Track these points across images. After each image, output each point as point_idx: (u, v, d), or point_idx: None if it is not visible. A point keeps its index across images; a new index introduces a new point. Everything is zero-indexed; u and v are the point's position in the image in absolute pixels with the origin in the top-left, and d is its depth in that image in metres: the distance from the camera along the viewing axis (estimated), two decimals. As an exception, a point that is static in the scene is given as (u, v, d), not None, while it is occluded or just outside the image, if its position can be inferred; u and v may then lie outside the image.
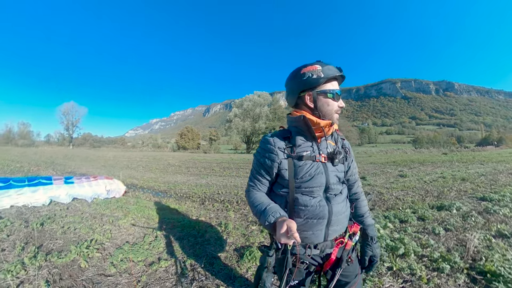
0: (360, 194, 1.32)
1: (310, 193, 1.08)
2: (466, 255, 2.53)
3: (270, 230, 0.99)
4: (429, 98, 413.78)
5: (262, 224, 1.02)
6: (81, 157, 20.76)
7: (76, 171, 10.72)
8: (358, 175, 1.35)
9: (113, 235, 3.15)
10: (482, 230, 3.22)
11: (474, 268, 2.30)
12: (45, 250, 2.69)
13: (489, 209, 4.10)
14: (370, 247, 1.24)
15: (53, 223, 3.45)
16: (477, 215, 3.85)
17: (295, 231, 0.83)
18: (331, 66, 1.08)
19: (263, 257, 1.05)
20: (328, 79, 1.08)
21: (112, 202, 4.76)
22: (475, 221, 3.57)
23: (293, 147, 1.11)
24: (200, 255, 2.70)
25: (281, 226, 0.87)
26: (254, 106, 43.56)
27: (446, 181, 7.05)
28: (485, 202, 4.65)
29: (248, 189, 1.22)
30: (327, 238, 1.10)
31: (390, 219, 3.78)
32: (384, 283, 2.17)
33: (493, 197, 4.88)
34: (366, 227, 1.27)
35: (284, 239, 0.85)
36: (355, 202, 1.30)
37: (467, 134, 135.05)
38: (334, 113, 1.13)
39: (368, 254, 1.24)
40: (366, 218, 1.29)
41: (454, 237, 3.07)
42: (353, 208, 1.29)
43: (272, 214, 0.98)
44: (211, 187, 7.12)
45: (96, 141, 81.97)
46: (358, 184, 1.33)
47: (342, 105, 1.15)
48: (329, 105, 1.11)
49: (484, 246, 2.73)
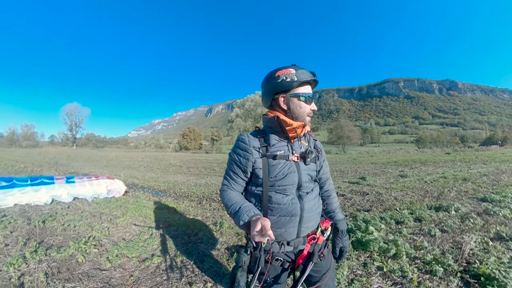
0: (331, 192, 1.39)
1: (283, 191, 1.12)
2: (460, 257, 2.47)
3: (245, 229, 1.01)
4: (432, 98, 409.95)
5: (236, 223, 1.03)
6: (84, 157, 21.05)
7: (79, 171, 10.90)
8: (330, 174, 1.41)
9: (110, 233, 3.26)
10: (480, 232, 3.14)
11: (468, 271, 2.26)
12: (45, 246, 2.82)
13: (489, 210, 4.01)
14: (341, 239, 1.34)
15: (54, 221, 3.57)
16: (476, 216, 3.77)
17: (269, 229, 0.85)
18: (304, 71, 1.13)
19: (238, 256, 1.07)
20: (301, 83, 1.12)
21: (111, 202, 4.88)
22: (473, 223, 3.49)
23: (267, 146, 1.15)
24: (192, 253, 2.78)
25: (255, 225, 0.89)
26: (256, 106, 43.61)
27: (447, 181, 6.94)
28: (486, 203, 4.54)
29: (222, 188, 1.23)
30: (299, 234, 1.14)
31: (386, 221, 3.72)
32: (373, 283, 2.17)
33: (494, 197, 4.80)
34: (336, 222, 1.34)
35: (259, 237, 0.86)
36: (326, 199, 1.37)
37: (471, 133, 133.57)
38: (306, 116, 1.17)
39: (339, 245, 1.33)
40: (337, 213, 1.36)
41: (450, 239, 3.01)
42: (325, 205, 1.35)
43: (246, 213, 1.00)
44: (210, 187, 7.21)
45: (99, 141, 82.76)
46: (330, 182, 1.39)
47: (314, 108, 1.19)
48: (301, 108, 1.15)
49: (481, 249, 2.66)
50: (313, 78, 1.15)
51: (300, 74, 1.11)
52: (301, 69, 1.14)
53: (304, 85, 1.15)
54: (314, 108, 1.19)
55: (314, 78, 1.16)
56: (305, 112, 1.17)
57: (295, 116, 1.16)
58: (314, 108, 1.19)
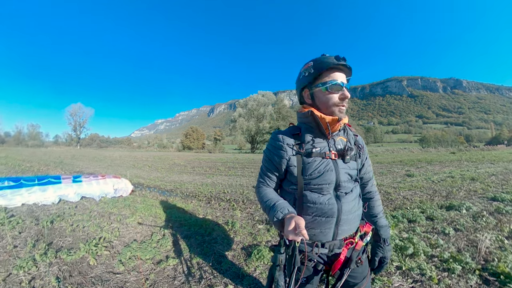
0: (374, 194, 1.27)
1: (319, 190, 1.05)
2: (477, 256, 2.47)
3: (278, 227, 0.97)
4: (436, 96, 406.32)
5: (270, 220, 1.00)
6: (89, 157, 21.13)
7: (84, 171, 10.90)
8: (373, 173, 1.30)
9: (121, 233, 3.17)
10: (494, 231, 3.14)
11: (486, 269, 2.25)
12: (55, 248, 2.73)
13: (501, 210, 3.99)
14: (382, 248, 1.20)
15: (62, 221, 3.50)
16: (488, 215, 3.76)
17: (303, 228, 0.82)
18: (327, 57, 1.03)
19: (275, 255, 1.03)
20: (321, 73, 1.04)
21: (119, 201, 4.81)
22: (486, 222, 3.49)
23: (302, 143, 1.09)
24: (208, 254, 2.70)
25: (289, 223, 0.86)
26: (258, 106, 43.54)
27: (455, 181, 6.91)
28: (497, 202, 4.52)
29: (257, 185, 1.22)
30: (336, 237, 1.07)
31: (398, 219, 3.74)
32: (394, 282, 2.15)
33: (504, 197, 4.75)
34: (379, 228, 1.22)
35: (292, 235, 0.84)
36: (368, 202, 1.26)
37: (476, 132, 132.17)
38: (332, 106, 1.06)
39: (379, 255, 1.19)
40: (380, 218, 1.24)
41: (465, 238, 3.00)
42: (366, 207, 1.24)
43: (281, 211, 0.97)
44: (216, 186, 7.13)
45: (103, 141, 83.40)
46: (372, 182, 1.29)
47: (344, 96, 1.05)
48: (324, 98, 1.07)
49: (497, 247, 2.66)
50: (335, 62, 1.01)
51: (318, 64, 1.03)
52: (322, 58, 1.04)
53: (328, 73, 1.04)
54: (345, 95, 1.05)
55: (336, 62, 1.01)
56: (329, 102, 1.06)
57: (322, 109, 1.09)
58: (344, 96, 1.05)
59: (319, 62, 1.04)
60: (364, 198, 1.26)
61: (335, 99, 1.05)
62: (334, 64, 1.02)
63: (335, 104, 1.05)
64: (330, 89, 1.04)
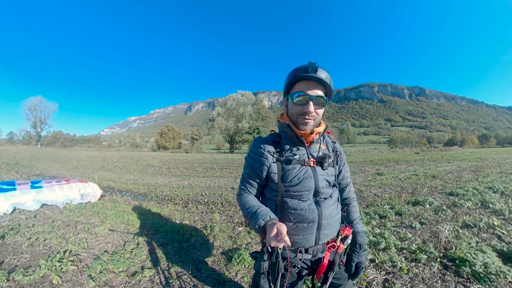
0: (351, 200, 1.31)
1: (299, 197, 1.07)
2: (439, 245, 2.76)
3: (261, 234, 0.96)
4: (403, 102, 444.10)
5: (252, 227, 0.99)
6: (51, 157, 19.16)
7: (45, 174, 9.86)
8: (350, 179, 1.35)
9: (89, 245, 2.91)
10: (451, 222, 3.52)
11: (446, 257, 2.53)
12: (6, 268, 2.38)
13: (456, 203, 4.47)
14: (358, 254, 1.22)
15: (17, 234, 3.10)
16: (447, 208, 4.20)
17: (285, 234, 0.82)
18: (296, 69, 1.03)
19: (257, 263, 1.04)
20: (293, 83, 1.05)
21: (87, 208, 4.44)
22: (445, 215, 3.91)
23: (282, 151, 1.12)
24: (186, 261, 2.59)
25: (271, 229, 0.86)
26: (238, 106, 43.31)
27: (419, 178, 7.60)
28: (453, 197, 5.09)
29: (239, 192, 1.22)
30: (318, 241, 1.09)
31: (371, 215, 4.01)
32: (368, 275, 2.27)
33: (459, 192, 5.38)
34: (355, 234, 1.25)
35: (274, 242, 0.84)
36: (345, 207, 1.30)
37: (436, 135, 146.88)
38: (296, 117, 1.08)
39: (355, 261, 1.20)
40: (357, 224, 1.27)
41: (428, 230, 3.32)
42: (345, 211, 1.28)
43: (262, 217, 0.97)
44: (194, 188, 6.92)
45: (68, 140, 76.44)
46: (350, 188, 1.32)
47: (306, 110, 1.02)
48: (291, 109, 1.11)
49: (453, 236, 3.01)
50: (299, 75, 1.00)
51: (290, 74, 1.06)
52: (297, 68, 1.04)
53: (298, 84, 1.04)
54: (307, 110, 1.02)
55: (301, 74, 1.00)
56: (294, 113, 1.09)
57: (291, 119, 1.13)
58: (306, 110, 1.02)
59: (291, 72, 1.05)
60: (342, 204, 1.30)
61: (298, 111, 1.06)
62: (300, 76, 1.01)
63: (299, 115, 1.06)
64: (295, 101, 1.05)
